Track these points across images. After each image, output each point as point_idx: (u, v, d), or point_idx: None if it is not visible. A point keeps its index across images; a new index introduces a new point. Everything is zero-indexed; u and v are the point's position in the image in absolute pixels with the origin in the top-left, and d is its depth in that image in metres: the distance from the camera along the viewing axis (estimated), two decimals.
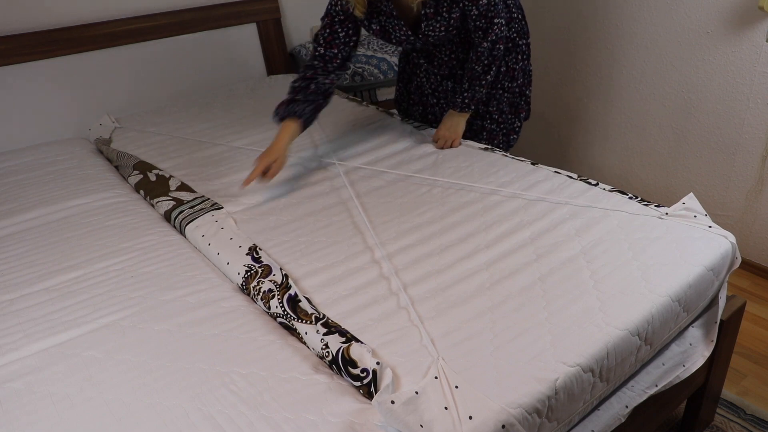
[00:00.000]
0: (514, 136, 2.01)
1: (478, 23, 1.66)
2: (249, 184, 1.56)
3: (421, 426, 0.88)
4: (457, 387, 0.94)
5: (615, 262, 1.24)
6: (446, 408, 0.91)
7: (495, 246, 1.32)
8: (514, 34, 1.84)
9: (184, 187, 1.70)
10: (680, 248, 1.28)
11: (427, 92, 2.00)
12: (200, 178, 1.76)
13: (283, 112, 1.65)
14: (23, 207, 1.66)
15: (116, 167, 1.94)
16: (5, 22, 2.06)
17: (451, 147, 1.84)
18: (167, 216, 1.60)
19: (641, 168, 2.52)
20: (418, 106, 2.10)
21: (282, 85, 2.49)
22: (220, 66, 2.55)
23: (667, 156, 2.40)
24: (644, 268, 1.22)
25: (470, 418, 0.89)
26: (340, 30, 1.70)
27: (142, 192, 1.74)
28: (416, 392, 0.92)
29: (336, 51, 1.71)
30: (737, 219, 2.25)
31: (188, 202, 1.61)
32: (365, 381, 0.98)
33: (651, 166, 2.48)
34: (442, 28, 1.68)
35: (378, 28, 1.72)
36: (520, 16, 1.85)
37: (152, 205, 1.67)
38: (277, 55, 2.65)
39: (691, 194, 1.42)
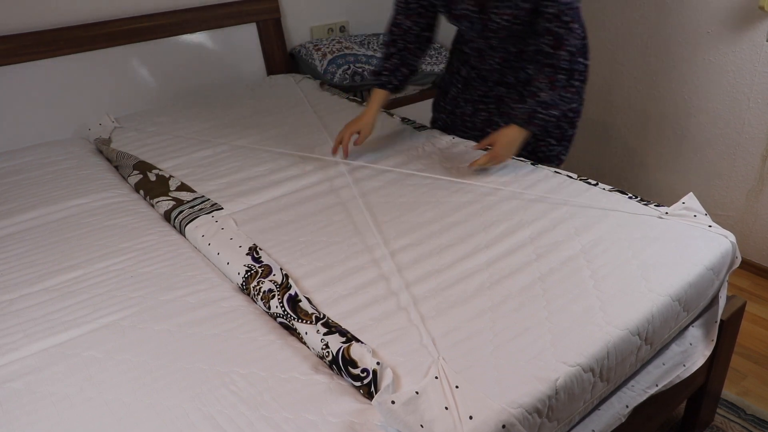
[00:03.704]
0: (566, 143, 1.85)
1: (550, 25, 1.44)
2: (338, 152, 1.72)
3: (422, 426, 0.88)
4: (457, 387, 0.94)
5: (615, 262, 1.24)
6: (447, 408, 0.91)
7: (495, 246, 1.32)
8: None
9: (184, 187, 1.70)
10: (680, 247, 1.28)
11: (461, 104, 1.86)
12: (200, 178, 1.75)
13: (374, 81, 1.74)
14: (23, 207, 1.66)
15: (116, 167, 1.94)
16: (5, 22, 2.06)
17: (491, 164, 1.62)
18: (167, 216, 1.59)
19: (641, 168, 2.52)
20: (447, 115, 1.96)
21: (282, 85, 2.49)
22: (220, 66, 2.54)
23: (667, 156, 2.40)
24: (644, 268, 1.22)
25: (471, 417, 0.89)
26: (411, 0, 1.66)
27: (142, 192, 1.74)
28: (416, 392, 0.92)
29: (410, 23, 1.68)
30: (737, 219, 2.25)
31: (188, 202, 1.60)
32: (365, 381, 0.98)
33: (651, 166, 2.48)
34: (507, 15, 1.50)
35: None
36: None
37: (152, 205, 1.67)
38: (277, 55, 2.65)
39: (691, 194, 1.41)
